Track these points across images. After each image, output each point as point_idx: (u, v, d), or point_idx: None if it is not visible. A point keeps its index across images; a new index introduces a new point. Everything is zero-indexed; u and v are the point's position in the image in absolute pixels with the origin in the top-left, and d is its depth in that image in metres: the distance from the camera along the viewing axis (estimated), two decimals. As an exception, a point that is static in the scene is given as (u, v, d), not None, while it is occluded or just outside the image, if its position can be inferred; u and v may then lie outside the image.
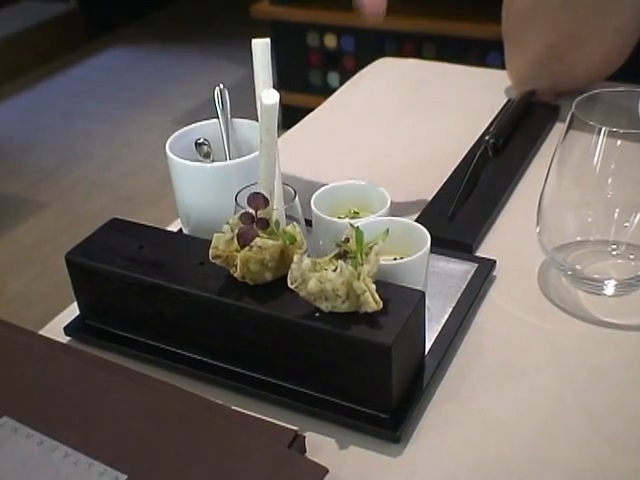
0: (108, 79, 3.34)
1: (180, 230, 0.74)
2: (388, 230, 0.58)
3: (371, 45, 2.46)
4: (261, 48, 0.61)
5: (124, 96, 3.16)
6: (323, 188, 0.69)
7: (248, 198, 0.59)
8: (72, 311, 0.68)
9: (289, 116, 2.14)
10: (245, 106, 0.80)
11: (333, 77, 2.60)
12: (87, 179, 2.57)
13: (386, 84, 1.15)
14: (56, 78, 3.36)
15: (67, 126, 2.92)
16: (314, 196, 0.67)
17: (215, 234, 0.58)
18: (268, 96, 0.57)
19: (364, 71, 1.21)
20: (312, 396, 0.57)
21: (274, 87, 0.59)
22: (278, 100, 0.57)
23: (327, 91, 1.33)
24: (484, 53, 2.27)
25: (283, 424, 0.53)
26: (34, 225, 2.34)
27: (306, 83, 2.64)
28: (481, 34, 2.23)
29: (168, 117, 2.92)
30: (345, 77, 1.89)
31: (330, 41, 2.55)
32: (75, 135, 2.86)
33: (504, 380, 0.59)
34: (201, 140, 0.72)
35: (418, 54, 2.39)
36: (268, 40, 0.61)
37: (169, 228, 0.78)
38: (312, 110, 1.09)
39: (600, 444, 0.54)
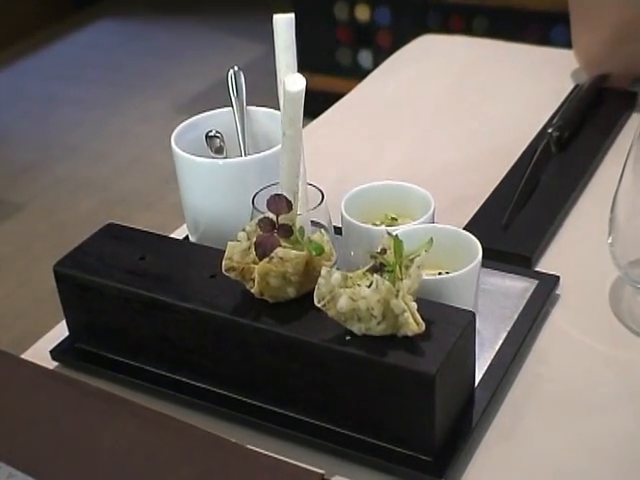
0: (97, 57, 3.37)
1: (187, 237, 0.76)
2: (432, 239, 0.58)
3: (411, 18, 2.46)
4: (284, 25, 0.62)
5: (116, 78, 3.18)
6: (355, 189, 0.70)
7: (268, 201, 0.60)
8: (60, 332, 0.70)
9: (314, 103, 2.14)
10: (261, 91, 0.81)
11: (365, 56, 2.61)
12: (72, 176, 2.59)
13: (429, 66, 1.16)
14: (35, 56, 3.39)
15: (48, 114, 2.95)
16: (345, 199, 0.68)
17: (229, 243, 0.59)
18: (293, 82, 0.58)
19: (403, 50, 1.22)
20: (341, 434, 0.58)
21: (296, 69, 0.60)
22: (304, 87, 0.58)
23: (358, 73, 1.34)
24: (546, 28, 2.27)
25: (307, 466, 0.54)
26: (9, 230, 2.37)
27: (333, 63, 2.65)
28: (543, 5, 2.23)
29: (168, 103, 2.94)
30: (380, 57, 1.89)
31: (362, 13, 2.55)
32: (57, 124, 2.88)
33: (568, 417, 0.60)
34: (212, 132, 0.73)
35: (467, 29, 2.39)
36: (292, 16, 0.62)
37: (173, 235, 0.79)
38: (341, 96, 1.10)
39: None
